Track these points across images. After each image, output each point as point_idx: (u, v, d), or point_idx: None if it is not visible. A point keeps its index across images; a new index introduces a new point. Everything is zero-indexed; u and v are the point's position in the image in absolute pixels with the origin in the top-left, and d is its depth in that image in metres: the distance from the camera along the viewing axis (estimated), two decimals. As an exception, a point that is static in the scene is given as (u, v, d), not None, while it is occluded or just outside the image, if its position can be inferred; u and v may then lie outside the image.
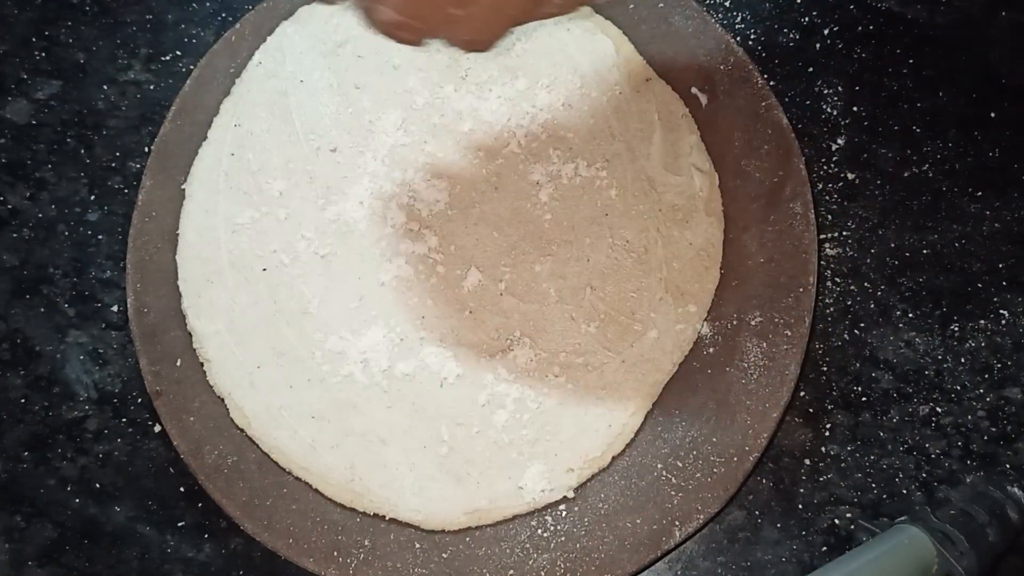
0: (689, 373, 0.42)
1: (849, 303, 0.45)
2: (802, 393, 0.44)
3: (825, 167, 0.47)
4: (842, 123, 0.47)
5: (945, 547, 0.38)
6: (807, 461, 0.43)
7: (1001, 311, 0.44)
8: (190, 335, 0.45)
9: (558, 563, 0.40)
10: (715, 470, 0.40)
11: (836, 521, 0.42)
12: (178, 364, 0.44)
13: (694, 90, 0.46)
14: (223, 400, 0.44)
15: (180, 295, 0.45)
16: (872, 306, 0.45)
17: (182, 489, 0.45)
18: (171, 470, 0.45)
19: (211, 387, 0.44)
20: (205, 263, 0.45)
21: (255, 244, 0.45)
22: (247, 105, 0.48)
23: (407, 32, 0.32)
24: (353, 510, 0.42)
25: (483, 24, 0.33)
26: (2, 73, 0.53)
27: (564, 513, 0.41)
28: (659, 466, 0.41)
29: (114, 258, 0.49)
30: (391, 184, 0.45)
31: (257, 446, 0.43)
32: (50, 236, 0.50)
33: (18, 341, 0.48)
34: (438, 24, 0.32)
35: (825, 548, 0.42)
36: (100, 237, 0.50)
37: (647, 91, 0.46)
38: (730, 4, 0.50)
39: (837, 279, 0.45)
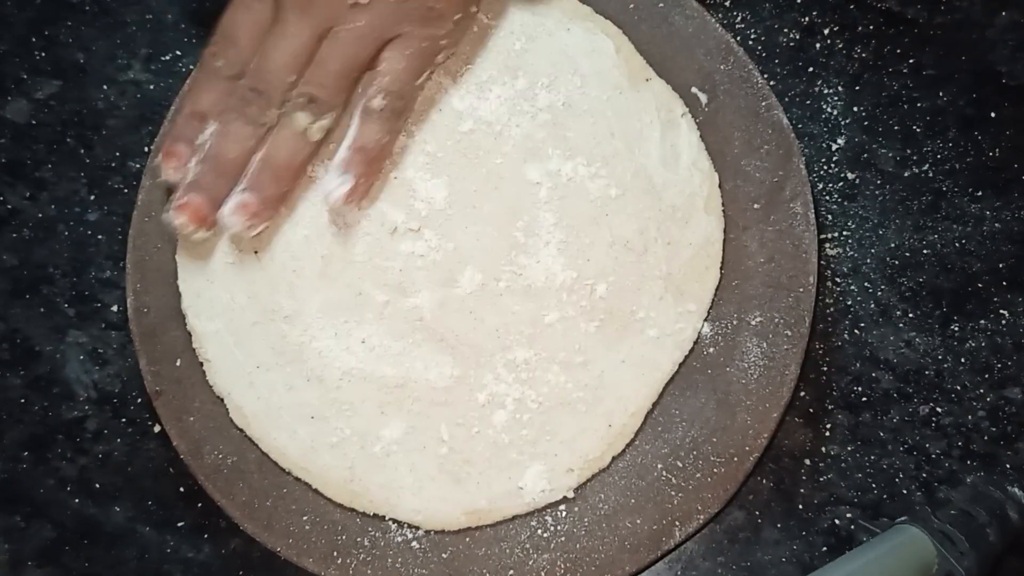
0: (689, 373, 0.42)
1: (849, 303, 0.45)
2: (802, 393, 0.44)
3: (825, 167, 0.47)
4: (842, 123, 0.47)
5: (945, 547, 0.38)
6: (807, 461, 0.43)
7: (1001, 311, 0.44)
8: (190, 335, 0.45)
9: (558, 563, 0.40)
10: (715, 470, 0.40)
11: (836, 521, 0.42)
12: (178, 364, 0.44)
13: (694, 90, 0.46)
14: (222, 400, 0.44)
15: (180, 295, 0.45)
16: (872, 306, 0.45)
17: (181, 489, 0.45)
18: (170, 470, 0.45)
19: (210, 387, 0.44)
20: (205, 263, 0.45)
21: (254, 243, 0.45)
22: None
23: None
24: (353, 510, 0.42)
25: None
26: (1, 73, 0.53)
27: (564, 513, 0.41)
28: (659, 466, 0.41)
29: (114, 258, 0.49)
30: (391, 183, 0.45)
31: (256, 446, 0.43)
32: (50, 236, 0.50)
33: (17, 341, 0.48)
34: None
35: (825, 548, 0.42)
36: (100, 237, 0.50)
37: (647, 90, 0.45)
38: (730, 4, 0.50)
39: (837, 279, 0.45)
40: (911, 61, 0.48)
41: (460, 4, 0.42)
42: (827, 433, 0.43)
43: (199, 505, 0.44)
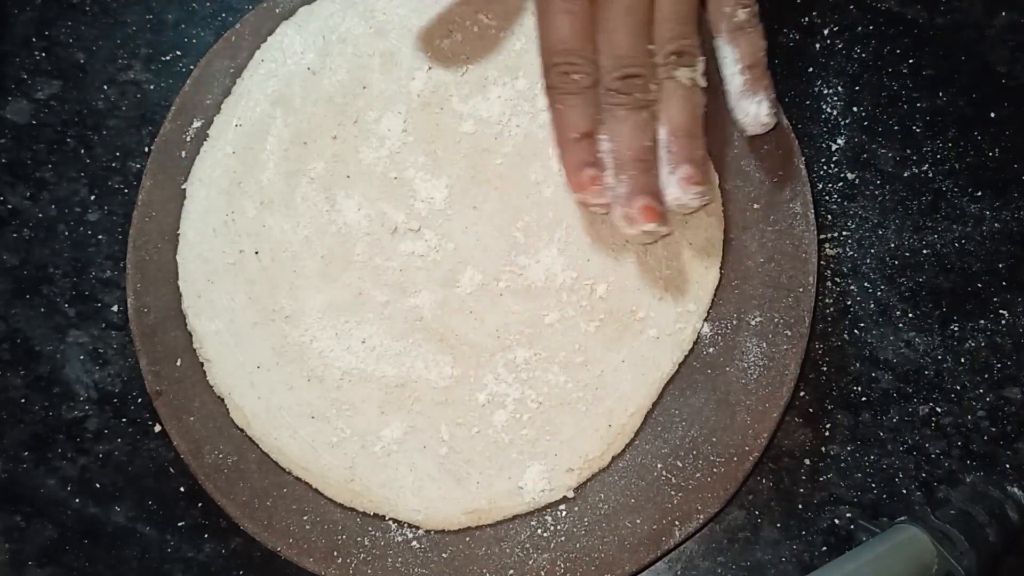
0: (689, 373, 0.42)
1: (849, 303, 0.45)
2: (802, 393, 0.44)
3: (825, 167, 0.47)
4: (842, 123, 0.47)
5: (945, 547, 0.38)
6: (807, 461, 0.43)
7: (1001, 311, 0.44)
8: (190, 335, 0.45)
9: (558, 563, 0.40)
10: (715, 470, 0.40)
11: (836, 521, 0.42)
12: (178, 364, 0.45)
13: (694, 90, 0.46)
14: (223, 400, 0.44)
15: (180, 295, 0.45)
16: (872, 306, 0.45)
17: (182, 489, 0.45)
18: (171, 470, 0.45)
19: (211, 387, 0.44)
20: (205, 263, 0.45)
21: (255, 244, 0.45)
22: (248, 105, 0.48)
23: None
24: (353, 510, 0.42)
25: None
26: (2, 73, 0.53)
27: (564, 513, 0.41)
28: (659, 466, 0.41)
29: (114, 258, 0.49)
30: (391, 184, 0.45)
31: (257, 446, 0.43)
32: (50, 236, 0.50)
33: (18, 341, 0.48)
34: None
35: (825, 548, 0.42)
36: (100, 237, 0.50)
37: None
38: (730, 4, 0.50)
39: (837, 279, 0.45)
40: (911, 61, 0.48)
41: None
42: (827, 433, 0.43)
43: (199, 505, 0.45)
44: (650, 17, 0.40)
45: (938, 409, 0.43)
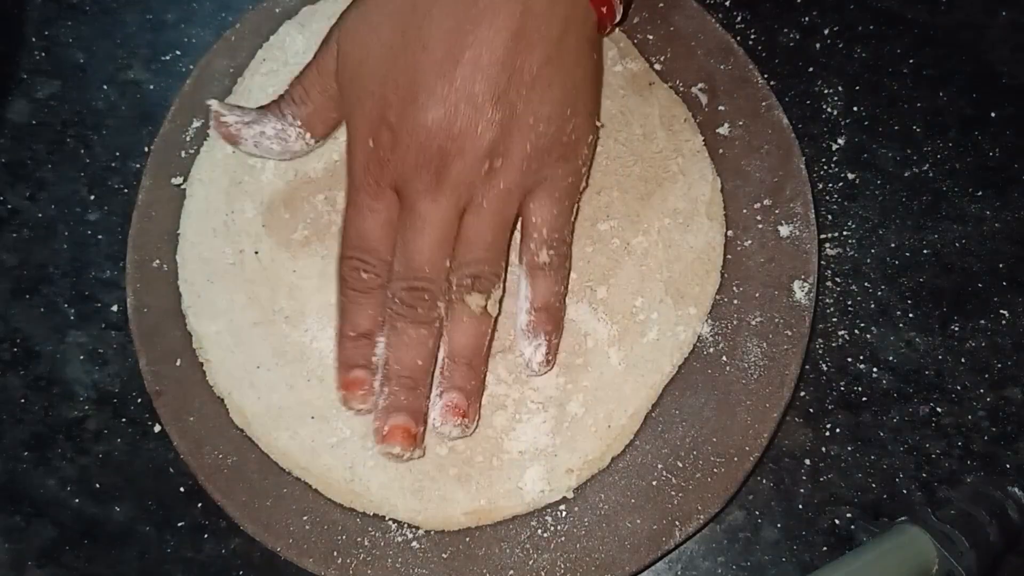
0: (689, 373, 0.42)
1: (849, 303, 0.45)
2: (802, 393, 0.44)
3: (825, 167, 0.47)
4: (842, 123, 0.47)
5: (945, 547, 0.38)
6: (807, 461, 0.43)
7: (1001, 311, 0.44)
8: (190, 335, 0.45)
9: (558, 563, 0.40)
10: (715, 470, 0.40)
11: (836, 521, 0.42)
12: (178, 364, 0.44)
13: (694, 90, 0.46)
14: (223, 400, 0.44)
15: (180, 295, 0.45)
16: (872, 306, 0.45)
17: (182, 489, 0.45)
18: (171, 470, 0.45)
19: (211, 387, 0.44)
20: (205, 263, 0.45)
21: (255, 244, 0.45)
22: (248, 104, 0.47)
23: None
24: (353, 510, 0.42)
25: None
26: (2, 73, 0.53)
27: (564, 513, 0.41)
28: (659, 466, 0.41)
29: (114, 258, 0.49)
30: (391, 184, 0.45)
31: (257, 446, 0.43)
32: (50, 236, 0.50)
33: (18, 341, 0.48)
34: None
35: (825, 548, 0.42)
36: (100, 237, 0.50)
37: (650, 95, 0.46)
38: (730, 4, 0.50)
39: (837, 279, 0.45)
40: (911, 61, 0.48)
41: (589, 126, 0.40)
42: (827, 433, 0.43)
43: (199, 505, 0.45)
44: (454, 234, 0.38)
45: (939, 409, 0.43)
